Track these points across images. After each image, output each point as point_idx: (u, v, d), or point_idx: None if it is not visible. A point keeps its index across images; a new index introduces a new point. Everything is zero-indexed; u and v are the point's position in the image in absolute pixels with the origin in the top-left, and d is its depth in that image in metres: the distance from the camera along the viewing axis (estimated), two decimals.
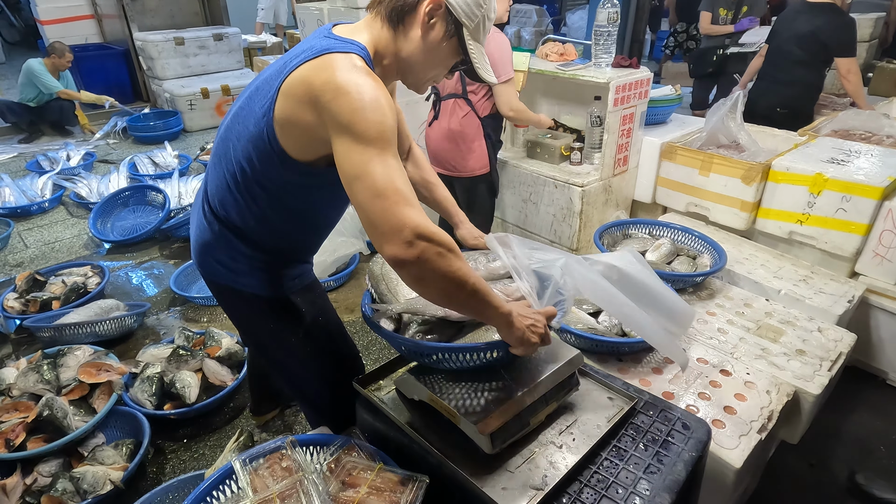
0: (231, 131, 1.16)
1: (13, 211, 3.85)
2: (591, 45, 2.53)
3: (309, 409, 1.60)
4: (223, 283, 1.30)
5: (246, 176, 1.14)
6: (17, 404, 1.92)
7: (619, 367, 1.58)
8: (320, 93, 0.96)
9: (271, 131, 1.05)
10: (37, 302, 2.69)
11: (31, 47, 8.56)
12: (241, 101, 1.17)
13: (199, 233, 1.29)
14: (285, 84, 1.02)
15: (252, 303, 1.32)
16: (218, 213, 1.23)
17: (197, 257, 1.32)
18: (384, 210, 0.93)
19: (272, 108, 1.03)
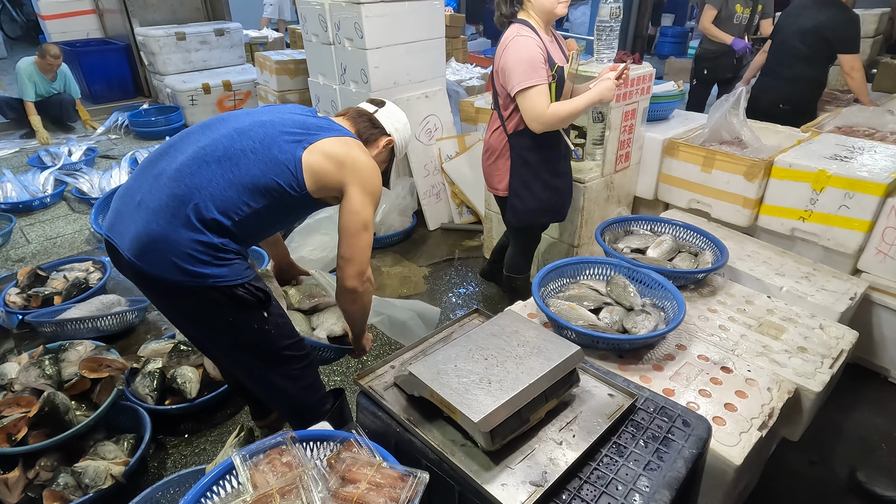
0: (244, 144, 1.41)
1: (15, 206, 3.85)
2: (594, 40, 2.52)
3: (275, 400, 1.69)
4: (175, 278, 1.32)
5: (260, 187, 1.39)
6: (18, 399, 1.93)
7: (620, 363, 1.58)
8: (346, 159, 1.46)
9: (299, 170, 1.42)
10: (38, 297, 2.69)
11: (32, 42, 8.56)
12: (251, 123, 1.46)
13: (157, 228, 1.31)
14: (315, 145, 1.45)
15: (209, 295, 1.36)
16: (203, 209, 1.32)
17: (145, 254, 1.31)
18: (364, 246, 1.50)
19: (300, 156, 1.42)
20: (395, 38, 3.27)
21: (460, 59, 5.89)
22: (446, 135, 3.67)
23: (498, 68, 2.06)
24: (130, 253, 1.32)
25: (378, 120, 1.66)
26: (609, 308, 1.72)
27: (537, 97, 1.96)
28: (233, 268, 1.38)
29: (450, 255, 3.37)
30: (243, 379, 1.70)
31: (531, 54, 1.95)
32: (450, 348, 1.28)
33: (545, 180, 2.21)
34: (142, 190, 1.37)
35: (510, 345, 1.27)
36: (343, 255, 1.51)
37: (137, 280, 1.40)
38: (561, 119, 2.00)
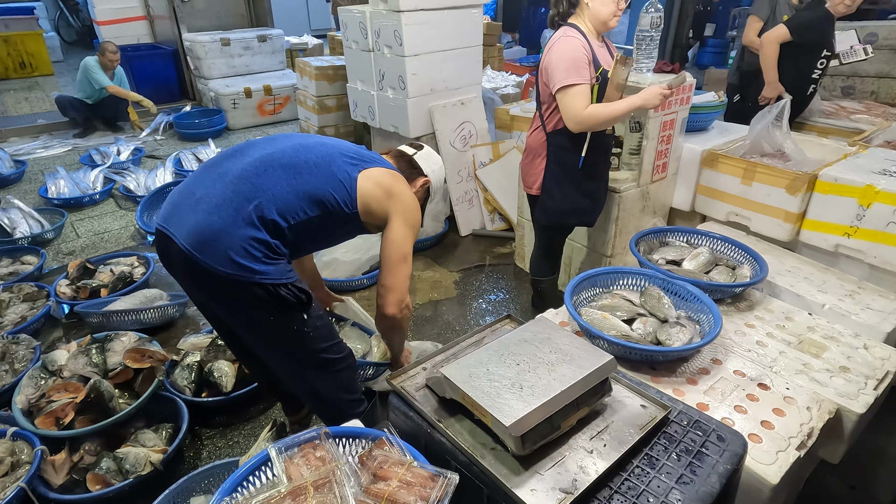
0: (307, 157, 1.52)
1: (67, 202, 4.04)
2: (633, 49, 2.51)
3: (310, 400, 1.75)
4: (229, 271, 1.37)
5: (318, 198, 1.50)
6: (67, 385, 2.02)
7: (653, 375, 1.56)
8: (394, 190, 1.59)
9: (353, 189, 1.54)
10: (87, 289, 2.82)
11: (87, 46, 8.99)
12: (314, 142, 1.59)
13: (219, 221, 1.38)
14: (369, 171, 1.58)
15: (254, 291, 1.41)
16: (264, 208, 1.40)
17: (202, 244, 1.37)
18: (404, 276, 1.63)
19: (356, 176, 1.55)
20: (434, 46, 3.32)
21: (496, 66, 5.92)
22: (481, 142, 3.69)
23: (542, 67, 2.11)
24: (188, 243, 1.38)
25: (416, 161, 1.78)
26: (643, 319, 1.71)
27: (577, 96, 1.99)
28: (278, 267, 1.44)
29: (481, 262, 3.38)
30: (280, 376, 1.75)
31: (575, 54, 1.98)
32: (482, 352, 1.29)
33: (578, 182, 2.22)
34: (203, 186, 1.45)
35: (542, 351, 1.27)
36: (384, 284, 1.61)
37: (186, 271, 1.44)
38: (598, 120, 2.02)
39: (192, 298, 1.66)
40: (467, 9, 3.40)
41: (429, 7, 3.19)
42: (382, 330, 1.74)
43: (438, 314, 2.89)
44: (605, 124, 2.07)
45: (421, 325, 2.79)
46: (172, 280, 3.15)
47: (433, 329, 2.77)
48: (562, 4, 2.13)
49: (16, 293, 2.78)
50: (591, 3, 2.05)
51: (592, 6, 2.05)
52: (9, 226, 3.50)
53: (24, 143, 5.40)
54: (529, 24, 9.34)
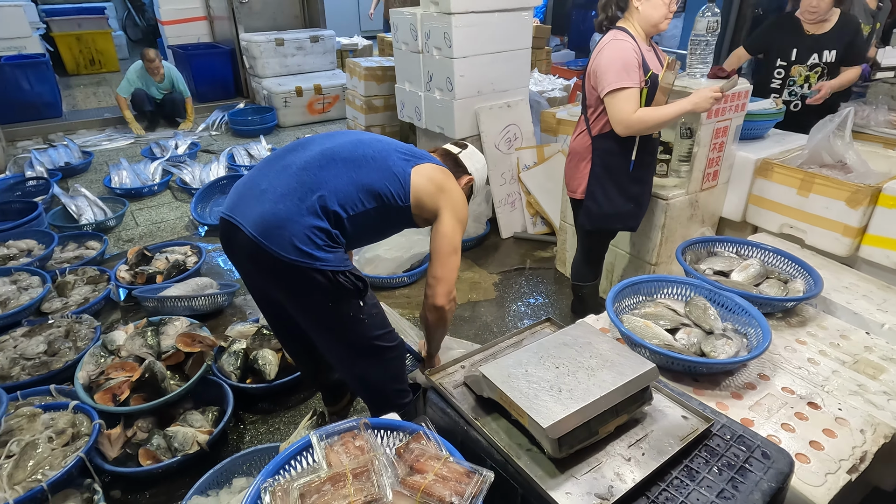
0: (365, 151, 1.59)
1: (128, 192, 4.27)
2: (687, 54, 2.45)
3: (359, 386, 1.79)
4: (292, 258, 1.43)
5: (375, 190, 1.56)
6: (123, 364, 2.14)
7: (695, 387, 1.53)
8: (444, 185, 1.66)
9: (407, 183, 1.60)
10: (143, 275, 2.97)
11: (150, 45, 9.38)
12: (370, 138, 1.67)
13: (284, 209, 1.45)
14: (421, 167, 1.64)
15: (314, 277, 1.46)
16: (327, 199, 1.48)
17: (268, 231, 1.44)
18: (453, 268, 1.67)
19: (409, 171, 1.61)
20: (483, 48, 3.33)
21: (543, 69, 5.88)
22: (526, 144, 3.68)
23: (590, 70, 2.09)
24: (254, 230, 1.45)
25: (461, 160, 1.84)
26: (687, 329, 1.67)
27: (625, 100, 1.97)
28: (337, 255, 1.50)
29: (521, 265, 3.37)
30: (332, 361, 1.81)
31: (625, 57, 1.97)
32: (521, 353, 1.30)
33: (623, 186, 2.20)
34: (268, 178, 1.52)
35: (582, 356, 1.27)
36: (435, 275, 1.65)
37: (251, 257, 1.50)
38: (647, 125, 2.00)
39: (252, 284, 1.73)
40: (518, 11, 3.40)
41: (479, 9, 3.21)
42: (429, 322, 1.76)
43: (476, 315, 2.90)
44: (653, 128, 2.05)
45: (459, 325, 2.81)
46: (222, 270, 3.31)
47: (471, 329, 2.78)
48: (610, 9, 2.11)
49: (80, 276, 2.95)
50: (642, 6, 2.02)
51: (643, 9, 2.02)
52: (76, 212, 3.72)
53: (91, 135, 5.73)
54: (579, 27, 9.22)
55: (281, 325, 1.85)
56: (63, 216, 3.75)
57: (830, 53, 3.04)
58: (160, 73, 5.54)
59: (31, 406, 1.92)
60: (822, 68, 3.08)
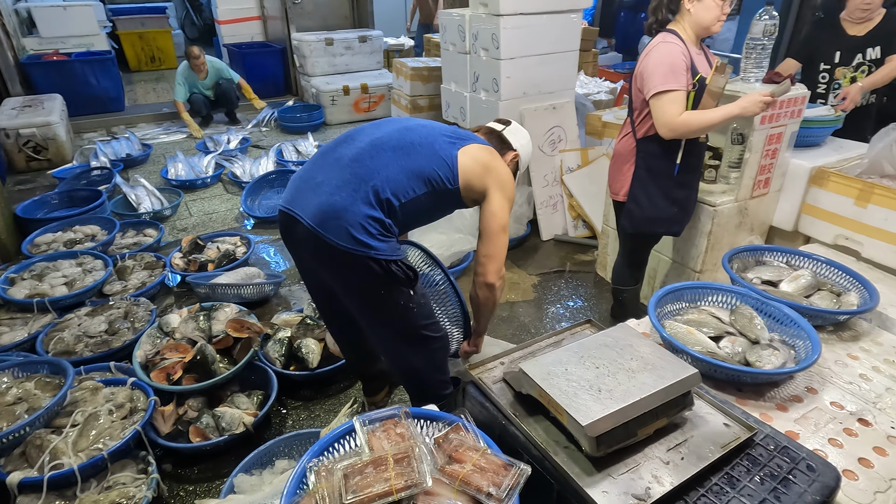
0: (412, 138, 1.63)
1: (183, 183, 4.47)
2: (741, 58, 2.40)
3: (403, 374, 1.84)
4: (348, 246, 1.50)
5: (425, 176, 1.60)
6: (177, 345, 2.26)
7: (738, 397, 1.50)
8: (490, 165, 1.68)
9: (455, 166, 1.63)
10: (196, 262, 3.11)
11: (207, 43, 9.79)
12: (415, 124, 1.71)
13: (340, 201, 1.51)
14: (467, 148, 1.67)
15: (369, 265, 1.53)
16: (380, 189, 1.52)
17: (326, 222, 1.50)
18: (503, 246, 1.70)
19: (456, 154, 1.64)
20: (530, 50, 3.34)
21: (590, 72, 5.81)
22: (570, 147, 3.67)
23: (637, 72, 2.08)
24: (312, 221, 1.52)
25: (506, 137, 1.85)
26: (731, 338, 1.64)
27: (671, 103, 1.96)
28: (390, 245, 1.56)
29: (561, 267, 3.36)
30: (379, 349, 1.86)
31: (673, 59, 1.95)
32: (561, 352, 1.31)
33: (667, 190, 2.18)
34: (323, 171, 1.59)
35: (623, 357, 1.27)
36: (485, 254, 1.69)
37: (310, 246, 1.58)
38: (692, 128, 1.98)
39: (308, 273, 1.81)
40: (567, 13, 3.39)
41: (528, 11, 3.22)
42: (479, 300, 1.79)
43: (514, 315, 2.92)
44: (698, 132, 2.03)
45: (497, 324, 2.82)
46: (269, 260, 3.43)
47: (508, 329, 2.80)
48: (661, 12, 2.09)
49: (138, 261, 3.12)
50: (693, 8, 1.99)
51: (695, 11, 2.00)
52: (135, 201, 3.93)
53: (150, 128, 6.02)
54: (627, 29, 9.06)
55: (332, 313, 1.92)
56: (124, 204, 3.96)
57: (875, 50, 2.94)
58: (204, 69, 5.75)
59: (94, 380, 2.05)
60: (868, 66, 2.98)
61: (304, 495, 1.10)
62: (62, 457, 1.71)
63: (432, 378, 1.82)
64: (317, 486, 1.09)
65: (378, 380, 2.20)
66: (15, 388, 1.89)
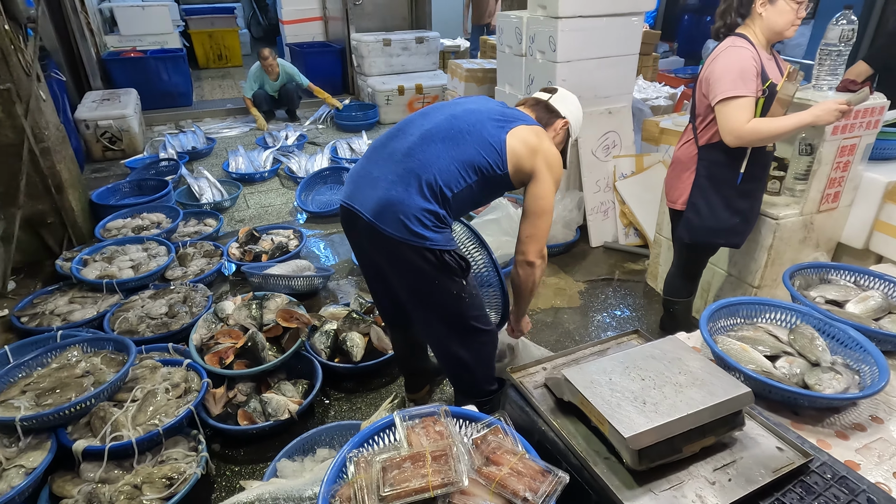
0: (460, 127, 1.64)
1: (242, 177, 4.66)
2: (814, 64, 2.27)
3: (451, 366, 1.85)
4: (405, 237, 1.55)
5: (475, 164, 1.61)
6: (230, 331, 2.36)
7: (794, 420, 1.43)
8: (538, 147, 1.66)
9: (504, 151, 1.63)
10: (251, 253, 3.24)
11: (271, 42, 10.17)
12: (463, 111, 1.70)
13: (396, 195, 1.57)
14: (515, 131, 1.65)
15: (424, 255, 1.57)
16: (433, 181, 1.56)
17: (383, 215, 1.57)
18: (545, 227, 1.70)
19: (504, 138, 1.63)
20: (587, 53, 3.28)
21: (649, 76, 5.66)
22: (625, 153, 3.58)
23: (703, 77, 2.00)
24: (371, 215, 1.59)
25: (553, 105, 1.82)
26: (789, 358, 1.56)
27: (739, 109, 1.87)
28: (444, 235, 1.61)
29: (609, 275, 3.29)
30: (429, 339, 1.89)
31: (743, 65, 1.87)
32: (606, 361, 1.29)
33: (729, 199, 2.09)
34: (378, 167, 1.64)
35: (671, 371, 1.24)
36: (528, 234, 1.71)
37: (370, 238, 1.65)
38: (760, 136, 1.89)
39: (367, 263, 1.87)
40: (628, 16, 3.31)
41: (588, 14, 3.17)
42: (519, 280, 1.80)
43: (559, 321, 2.88)
44: (766, 140, 1.94)
45: (540, 329, 2.80)
46: (319, 254, 3.53)
47: (552, 335, 2.76)
48: (730, 16, 2.00)
49: (198, 249, 3.28)
50: (766, 12, 1.90)
51: (767, 15, 1.91)
52: (198, 192, 4.13)
53: (214, 123, 6.31)
54: (691, 33, 8.75)
55: (387, 303, 1.97)
56: (187, 195, 4.17)
57: None
58: (275, 71, 5.98)
59: (153, 360, 2.17)
60: None
61: (344, 484, 1.13)
62: (122, 429, 1.82)
63: (479, 372, 1.84)
64: (356, 476, 1.12)
65: (421, 377, 2.23)
66: (84, 362, 2.03)
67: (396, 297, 1.82)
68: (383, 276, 1.80)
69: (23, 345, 2.27)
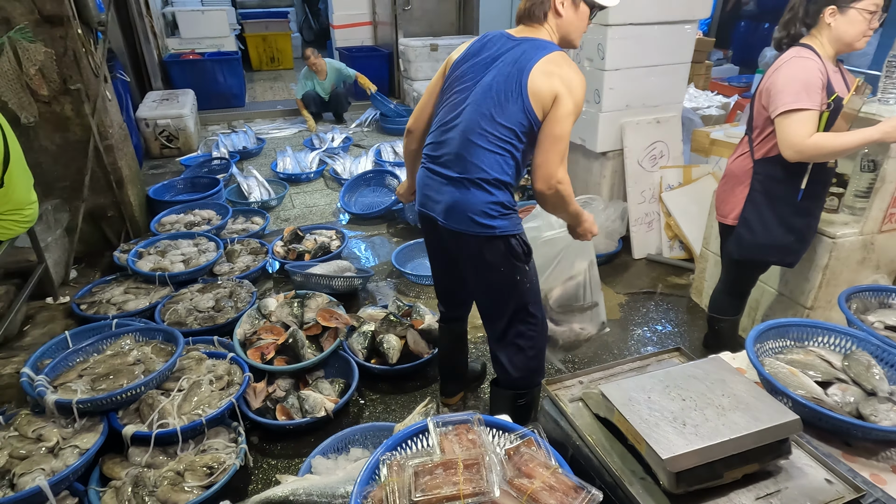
0: (484, 110, 1.62)
1: (289, 177, 4.79)
2: (881, 77, 2.16)
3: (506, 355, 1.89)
4: (473, 231, 1.66)
5: (517, 135, 1.62)
6: (272, 328, 2.43)
7: (846, 452, 1.36)
8: (557, 81, 1.57)
9: (532, 112, 1.59)
10: (294, 252, 3.32)
11: (321, 46, 10.39)
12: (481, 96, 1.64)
13: (460, 197, 1.67)
14: (531, 82, 1.57)
15: (494, 243, 1.66)
16: (486, 174, 1.63)
17: (451, 216, 1.69)
18: (555, 154, 1.60)
19: (528, 98, 1.57)
20: (637, 61, 3.23)
21: (701, 85, 5.51)
22: (672, 163, 3.49)
23: (763, 88, 1.93)
24: (442, 218, 1.71)
25: None
26: (842, 385, 1.49)
27: (801, 122, 1.79)
28: (512, 220, 1.68)
29: (651, 289, 3.21)
30: (489, 328, 1.91)
31: (808, 76, 1.80)
32: (645, 379, 1.26)
33: (785, 216, 2.01)
34: (440, 172, 1.73)
35: (713, 392, 1.20)
36: (535, 162, 1.66)
37: (443, 236, 1.77)
38: (823, 152, 1.80)
39: (439, 258, 1.96)
40: (680, 24, 3.24)
41: (639, 21, 3.11)
42: (546, 208, 1.77)
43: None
44: (829, 156, 1.84)
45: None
46: (360, 255, 3.59)
47: (590, 348, 2.72)
48: (794, 26, 1.92)
49: (245, 246, 3.39)
50: (835, 22, 1.82)
51: (836, 25, 1.82)
52: (247, 191, 4.27)
53: (265, 123, 6.51)
54: (747, 40, 8.44)
55: (448, 290, 2.06)
56: (237, 193, 4.32)
57: None
58: (322, 69, 6.14)
59: (199, 351, 2.26)
60: None
61: (376, 486, 1.15)
62: (168, 417, 1.90)
63: (531, 363, 1.86)
64: (388, 479, 1.13)
65: (458, 382, 2.25)
66: (136, 351, 2.13)
67: (459, 286, 1.94)
68: (451, 267, 1.91)
69: (81, 331, 2.40)
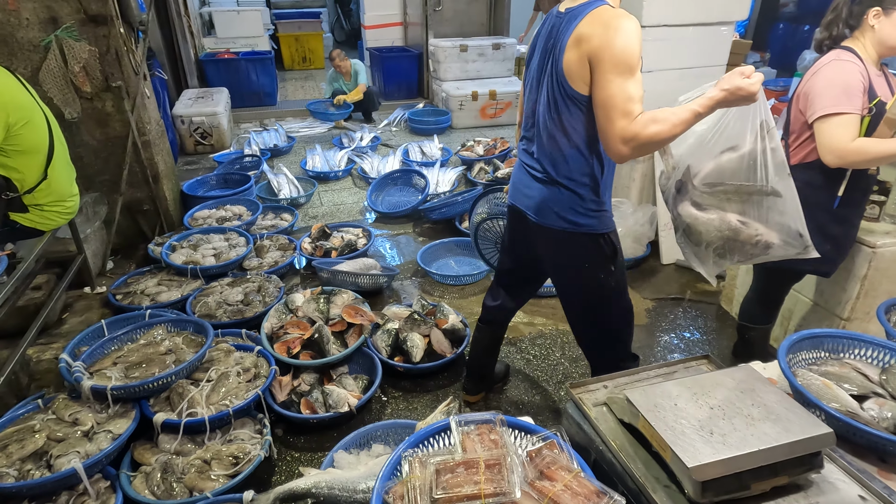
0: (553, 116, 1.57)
1: (318, 175, 4.86)
2: None
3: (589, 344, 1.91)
4: (560, 226, 1.65)
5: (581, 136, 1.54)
6: (298, 323, 2.47)
7: (881, 469, 1.31)
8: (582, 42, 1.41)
9: (578, 97, 1.48)
10: (321, 249, 3.37)
11: (352, 46, 10.55)
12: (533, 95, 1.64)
13: (549, 194, 1.66)
14: (564, 64, 1.47)
15: (580, 240, 1.65)
16: (566, 174, 1.61)
17: (541, 211, 1.69)
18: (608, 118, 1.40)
19: (571, 92, 1.48)
20: (670, 64, 3.17)
21: None
22: None
23: (801, 92, 1.88)
24: (531, 213, 1.72)
25: None
26: (879, 400, 1.43)
27: (842, 127, 1.74)
28: (601, 219, 1.65)
29: (679, 295, 3.15)
30: (573, 321, 1.91)
31: (849, 80, 1.75)
32: (672, 386, 1.24)
33: (822, 224, 1.95)
34: (529, 171, 1.73)
35: (743, 402, 1.18)
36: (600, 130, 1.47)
37: (531, 231, 1.77)
38: (865, 157, 1.75)
39: (519, 251, 1.96)
40: (717, 26, 3.17)
41: (674, 23, 3.06)
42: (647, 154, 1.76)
43: None
44: (871, 163, 1.79)
45: None
46: (386, 253, 3.62)
47: None
48: (836, 27, 1.87)
49: (273, 242, 3.45)
50: (879, 24, 1.76)
51: (880, 28, 1.76)
52: (277, 188, 4.35)
53: (295, 122, 6.61)
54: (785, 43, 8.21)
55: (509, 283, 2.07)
56: (267, 190, 4.41)
57: None
58: (348, 70, 6.24)
59: (227, 344, 2.31)
60: None
61: (398, 482, 1.16)
62: (196, 406, 1.95)
63: (611, 354, 1.85)
64: (409, 475, 1.14)
65: (483, 381, 2.25)
66: (167, 341, 2.19)
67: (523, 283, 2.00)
68: (532, 262, 1.91)
69: (116, 320, 2.48)
